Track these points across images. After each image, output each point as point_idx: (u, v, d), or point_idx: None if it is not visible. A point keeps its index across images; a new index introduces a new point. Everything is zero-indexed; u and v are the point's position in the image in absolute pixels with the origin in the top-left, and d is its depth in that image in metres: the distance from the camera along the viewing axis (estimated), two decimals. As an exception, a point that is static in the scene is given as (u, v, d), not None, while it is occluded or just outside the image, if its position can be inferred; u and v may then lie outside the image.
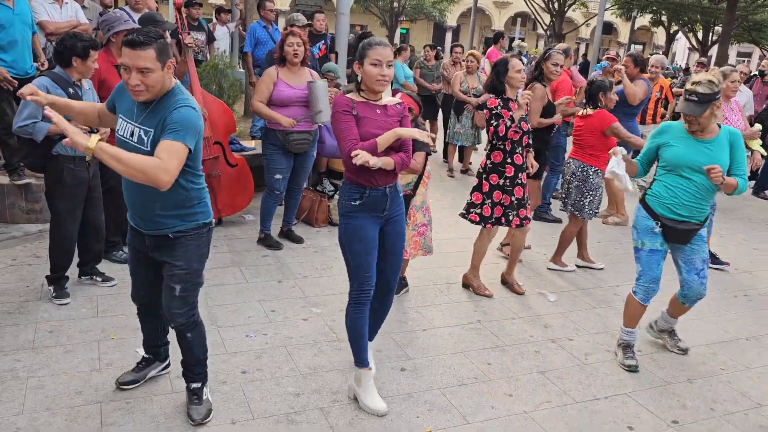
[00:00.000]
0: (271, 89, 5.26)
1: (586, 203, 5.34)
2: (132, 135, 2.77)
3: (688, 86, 3.71)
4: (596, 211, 5.43)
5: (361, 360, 3.33)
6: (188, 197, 2.86)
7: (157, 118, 2.71)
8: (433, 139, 3.43)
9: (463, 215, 4.92)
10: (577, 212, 5.37)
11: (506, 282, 5.13)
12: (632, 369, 3.93)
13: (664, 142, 3.87)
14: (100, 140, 2.48)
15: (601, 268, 5.66)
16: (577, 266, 5.67)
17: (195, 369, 3.13)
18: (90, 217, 4.29)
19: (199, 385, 3.15)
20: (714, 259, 6.05)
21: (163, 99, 2.74)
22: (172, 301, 2.95)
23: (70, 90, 3.96)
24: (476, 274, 4.98)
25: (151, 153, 2.66)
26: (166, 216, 2.84)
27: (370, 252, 3.24)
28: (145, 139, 2.73)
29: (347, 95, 3.22)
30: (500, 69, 4.71)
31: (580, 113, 5.47)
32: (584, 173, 5.32)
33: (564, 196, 5.48)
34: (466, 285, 5.02)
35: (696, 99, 3.64)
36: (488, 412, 3.38)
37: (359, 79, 3.18)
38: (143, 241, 2.97)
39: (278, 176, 5.43)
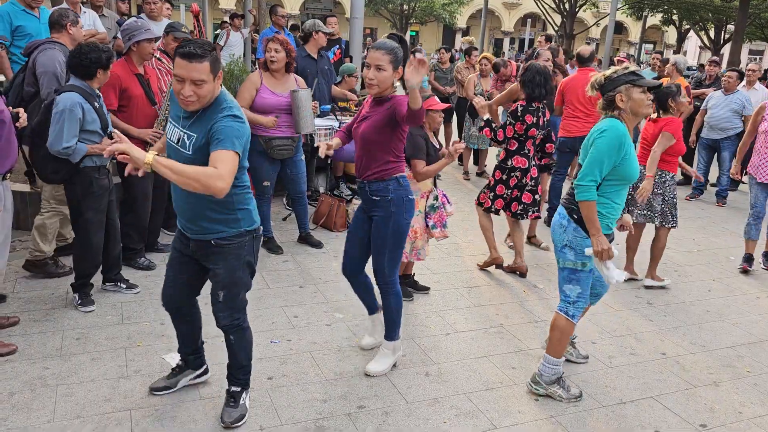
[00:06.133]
0: (253, 95, 5.20)
1: (668, 209, 5.20)
2: (178, 140, 2.82)
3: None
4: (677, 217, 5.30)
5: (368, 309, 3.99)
6: (230, 201, 2.88)
7: (203, 125, 2.74)
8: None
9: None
10: (666, 223, 5.22)
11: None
12: (581, 396, 3.60)
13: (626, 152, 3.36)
14: (155, 155, 2.53)
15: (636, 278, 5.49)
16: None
17: (236, 373, 3.17)
18: (108, 219, 4.33)
19: (238, 389, 3.19)
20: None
21: (210, 108, 2.77)
22: (216, 305, 3.03)
23: (96, 104, 3.98)
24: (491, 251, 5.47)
25: (192, 157, 2.73)
26: (211, 221, 2.88)
27: (350, 236, 3.73)
28: (188, 143, 2.76)
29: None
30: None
31: (650, 118, 5.25)
32: (663, 179, 5.20)
33: (645, 207, 5.29)
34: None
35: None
36: (516, 417, 3.38)
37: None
38: (188, 245, 3.01)
39: (266, 183, 5.41)
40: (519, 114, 5.12)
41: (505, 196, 5.29)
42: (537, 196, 5.31)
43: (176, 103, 2.86)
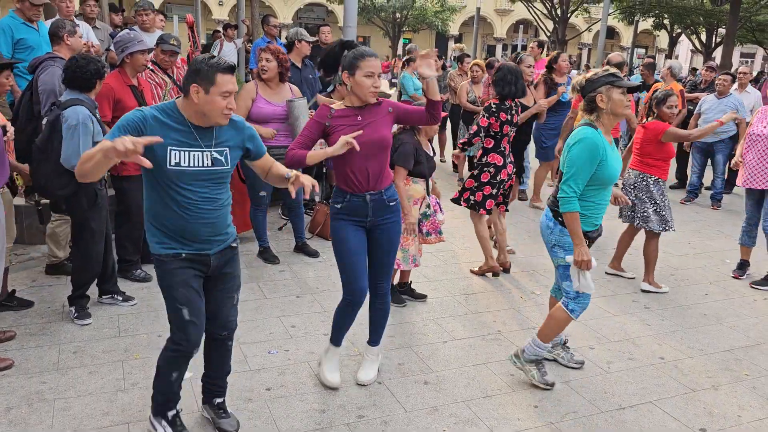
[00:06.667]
0: (249, 105, 5.21)
1: (651, 213, 5.22)
2: (205, 162, 2.72)
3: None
4: (671, 222, 5.27)
5: (336, 339, 3.63)
6: (229, 200, 2.97)
7: (229, 134, 2.81)
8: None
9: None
10: (645, 225, 5.25)
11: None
12: (553, 385, 3.70)
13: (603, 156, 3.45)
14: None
15: (632, 277, 5.61)
16: (606, 273, 5.70)
17: (221, 382, 3.18)
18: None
19: (222, 399, 3.20)
20: None
21: None
22: (231, 310, 3.05)
23: (97, 115, 4.01)
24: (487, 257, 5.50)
25: (229, 169, 2.81)
26: (229, 225, 2.94)
27: (355, 254, 3.38)
28: (221, 159, 2.78)
29: (332, 105, 3.38)
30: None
31: (641, 123, 5.41)
32: (644, 183, 5.24)
33: (628, 209, 5.38)
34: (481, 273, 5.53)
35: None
36: (515, 424, 3.37)
37: (338, 86, 3.33)
38: (207, 264, 2.87)
39: (263, 193, 5.44)
40: (494, 110, 5.24)
41: (474, 188, 5.38)
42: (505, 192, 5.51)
43: (167, 128, 2.65)
